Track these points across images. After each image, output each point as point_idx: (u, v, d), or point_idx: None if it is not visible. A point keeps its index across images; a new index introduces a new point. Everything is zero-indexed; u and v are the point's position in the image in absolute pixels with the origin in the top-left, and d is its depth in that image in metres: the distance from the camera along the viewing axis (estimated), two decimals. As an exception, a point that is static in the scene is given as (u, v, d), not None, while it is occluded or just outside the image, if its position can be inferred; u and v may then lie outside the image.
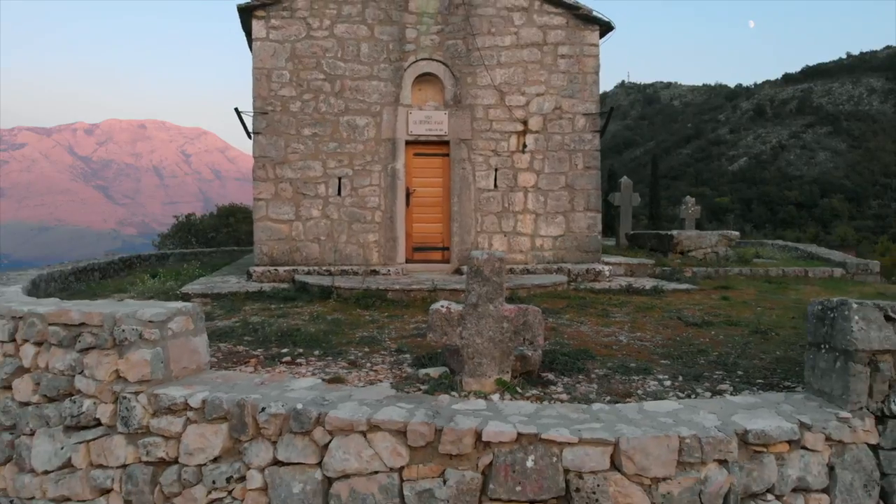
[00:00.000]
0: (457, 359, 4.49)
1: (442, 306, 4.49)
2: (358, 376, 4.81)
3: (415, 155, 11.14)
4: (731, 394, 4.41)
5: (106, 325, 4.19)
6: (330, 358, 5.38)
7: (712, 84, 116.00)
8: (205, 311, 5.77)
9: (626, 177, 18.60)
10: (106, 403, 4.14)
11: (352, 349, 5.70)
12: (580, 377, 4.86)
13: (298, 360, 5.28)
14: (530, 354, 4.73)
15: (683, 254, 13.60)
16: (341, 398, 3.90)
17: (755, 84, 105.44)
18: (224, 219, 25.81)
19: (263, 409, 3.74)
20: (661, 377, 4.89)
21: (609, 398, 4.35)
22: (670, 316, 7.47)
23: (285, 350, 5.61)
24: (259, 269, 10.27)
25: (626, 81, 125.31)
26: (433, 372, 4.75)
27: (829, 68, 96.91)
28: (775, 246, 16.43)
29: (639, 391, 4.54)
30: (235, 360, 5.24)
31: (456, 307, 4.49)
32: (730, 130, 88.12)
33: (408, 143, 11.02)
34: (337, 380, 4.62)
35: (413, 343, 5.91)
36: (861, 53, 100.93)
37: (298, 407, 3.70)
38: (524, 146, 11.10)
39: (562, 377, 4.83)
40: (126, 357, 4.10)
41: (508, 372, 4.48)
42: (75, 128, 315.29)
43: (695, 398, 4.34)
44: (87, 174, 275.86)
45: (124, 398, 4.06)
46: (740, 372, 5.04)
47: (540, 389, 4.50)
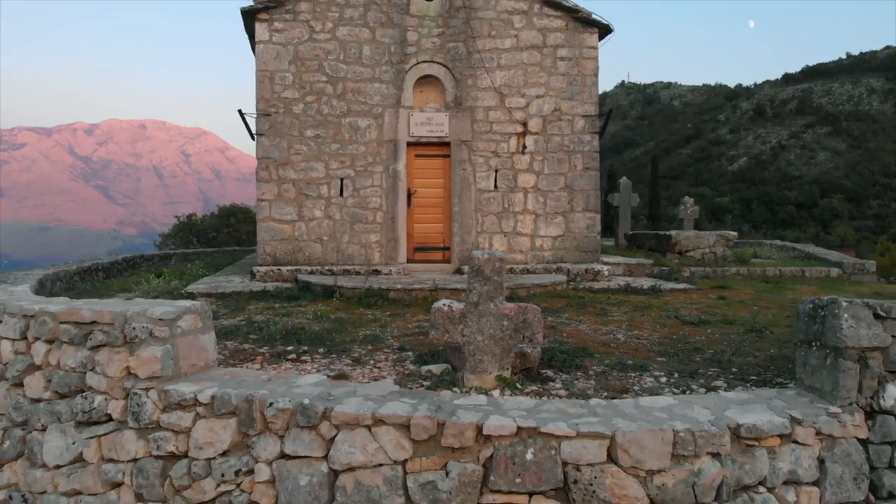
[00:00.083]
0: (458, 356, 4.60)
1: (444, 305, 4.60)
2: (362, 373, 4.93)
3: (416, 156, 11.25)
4: (725, 390, 4.52)
5: (117, 323, 4.29)
6: (334, 355, 5.49)
7: (712, 84, 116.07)
8: (210, 310, 5.87)
9: (626, 177, 18.71)
10: (117, 399, 4.25)
11: (355, 347, 5.81)
12: (578, 374, 4.97)
13: (303, 358, 5.39)
14: (530, 352, 4.84)
15: (682, 254, 13.70)
16: (346, 394, 4.02)
17: (755, 84, 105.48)
18: (225, 219, 25.92)
19: (271, 405, 3.85)
20: (658, 374, 5.01)
21: (606, 394, 4.47)
22: (667, 315, 7.58)
23: (290, 348, 5.73)
24: (262, 269, 10.39)
25: (626, 81, 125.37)
26: (435, 369, 4.86)
27: (829, 68, 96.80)
28: (773, 246, 16.53)
29: (635, 387, 4.65)
30: (242, 358, 5.36)
31: (457, 305, 4.59)
32: (730, 130, 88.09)
33: (409, 145, 11.13)
34: (342, 376, 4.73)
35: (415, 341, 6.02)
36: (861, 53, 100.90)
37: (305, 402, 3.81)
38: (524, 147, 11.21)
39: (560, 374, 4.94)
40: (137, 354, 4.21)
41: (508, 369, 4.59)
42: (75, 128, 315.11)
43: (689, 394, 4.45)
44: (87, 174, 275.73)
45: (135, 394, 4.16)
46: (734, 369, 5.16)
47: (539, 385, 4.61)
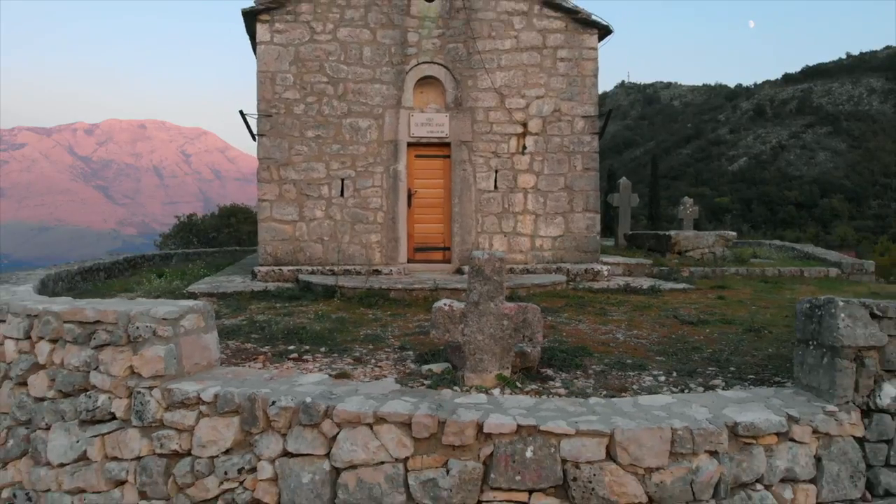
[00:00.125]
0: (459, 355, 4.64)
1: (444, 304, 4.63)
2: (363, 372, 4.97)
3: (416, 157, 11.29)
4: (723, 389, 4.56)
5: (120, 323, 4.33)
6: (336, 355, 5.53)
7: (712, 84, 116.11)
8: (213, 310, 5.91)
9: (626, 177, 18.75)
10: (120, 398, 4.28)
11: (357, 346, 5.85)
12: (578, 373, 5.01)
13: (305, 357, 5.43)
14: (530, 351, 4.88)
15: (681, 254, 13.74)
16: (348, 392, 4.05)
17: (755, 84, 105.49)
18: (225, 219, 25.96)
19: (274, 403, 3.89)
20: (656, 373, 5.05)
21: (605, 393, 4.51)
22: (666, 314, 7.62)
23: (292, 347, 5.76)
24: (264, 269, 10.43)
25: (626, 81, 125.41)
26: (436, 368, 4.91)
27: (829, 68, 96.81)
28: (772, 246, 16.57)
29: (634, 386, 4.69)
30: (244, 357, 5.40)
31: (458, 305, 4.63)
32: (730, 130, 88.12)
33: (409, 145, 11.17)
34: (343, 375, 4.77)
35: (416, 340, 6.06)
36: (861, 53, 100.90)
37: (307, 400, 3.85)
38: (524, 148, 11.25)
39: (560, 373, 4.98)
40: (140, 353, 4.25)
41: (508, 368, 4.63)
42: (75, 128, 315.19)
43: (688, 393, 4.49)
44: (87, 174, 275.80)
45: (139, 393, 4.20)
46: (733, 368, 5.20)
47: (539, 384, 4.65)
